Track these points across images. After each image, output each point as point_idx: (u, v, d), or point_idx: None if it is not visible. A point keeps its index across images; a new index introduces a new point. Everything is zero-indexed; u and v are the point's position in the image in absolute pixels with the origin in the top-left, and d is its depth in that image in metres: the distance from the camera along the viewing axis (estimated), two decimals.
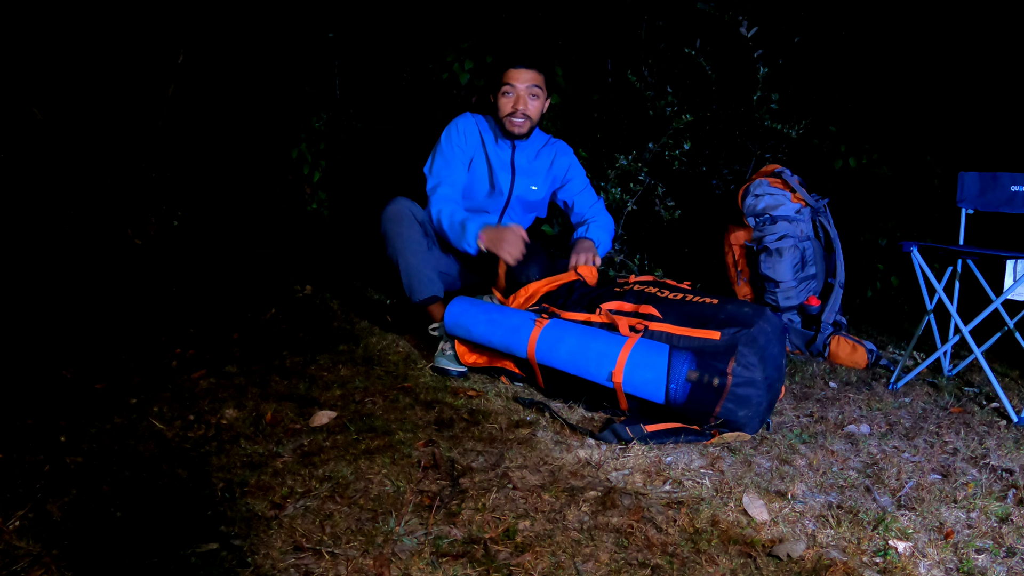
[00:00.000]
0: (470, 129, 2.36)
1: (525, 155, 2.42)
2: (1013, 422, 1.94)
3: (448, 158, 2.32)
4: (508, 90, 2.28)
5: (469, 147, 2.36)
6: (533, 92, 2.28)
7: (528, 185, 2.44)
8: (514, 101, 2.28)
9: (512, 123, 2.30)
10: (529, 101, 2.29)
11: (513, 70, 2.28)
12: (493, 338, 1.93)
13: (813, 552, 1.19)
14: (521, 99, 2.27)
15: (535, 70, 2.29)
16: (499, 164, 2.39)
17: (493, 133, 2.38)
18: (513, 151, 2.39)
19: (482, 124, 2.39)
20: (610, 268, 3.06)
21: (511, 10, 3.44)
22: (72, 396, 1.77)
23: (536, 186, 2.47)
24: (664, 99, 3.02)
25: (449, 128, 2.36)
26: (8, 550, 1.11)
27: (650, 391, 1.66)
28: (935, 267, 3.05)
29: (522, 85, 2.26)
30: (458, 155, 2.33)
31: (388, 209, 2.25)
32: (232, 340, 2.29)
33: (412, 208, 2.26)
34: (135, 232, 3.40)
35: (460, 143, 2.34)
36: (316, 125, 3.57)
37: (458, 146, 2.33)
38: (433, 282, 2.22)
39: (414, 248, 2.22)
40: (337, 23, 3.71)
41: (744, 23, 2.89)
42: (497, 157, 2.39)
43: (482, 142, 2.37)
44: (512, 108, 2.28)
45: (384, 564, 1.10)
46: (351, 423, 1.66)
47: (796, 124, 3.01)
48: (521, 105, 2.28)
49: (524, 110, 2.28)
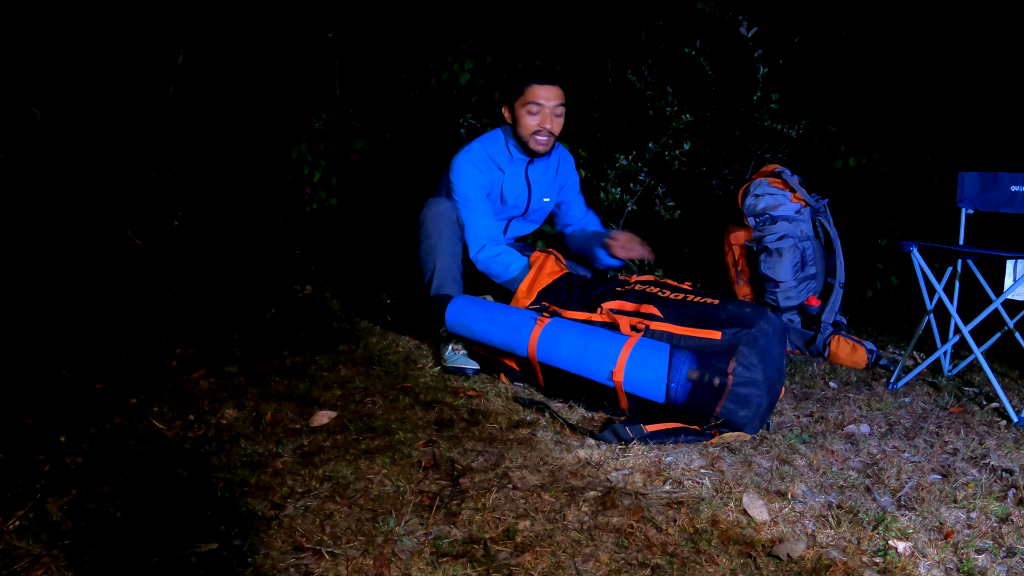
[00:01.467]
0: (482, 163, 2.28)
1: (538, 168, 2.38)
2: (1013, 422, 1.94)
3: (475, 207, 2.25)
4: (534, 108, 2.20)
5: (485, 178, 2.28)
6: (558, 111, 2.23)
7: (541, 198, 2.43)
8: (540, 119, 2.21)
9: (537, 142, 2.23)
10: (555, 120, 2.23)
11: (539, 87, 2.20)
12: (494, 336, 1.93)
13: (813, 552, 1.19)
14: (548, 117, 2.21)
15: (559, 87, 2.22)
16: (514, 180, 2.34)
17: (508, 151, 2.30)
18: (528, 166, 2.34)
19: (492, 147, 2.30)
20: (609, 268, 3.06)
21: (511, 10, 3.44)
22: (72, 396, 1.77)
23: (548, 197, 2.45)
24: (664, 99, 3.02)
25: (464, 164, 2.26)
26: (8, 550, 1.11)
27: (651, 390, 1.66)
28: (935, 267, 3.05)
29: (549, 103, 2.20)
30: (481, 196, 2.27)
31: (433, 207, 2.22)
32: (232, 340, 2.29)
33: (454, 211, 2.24)
34: (135, 232, 3.40)
35: (481, 182, 2.26)
36: (316, 125, 3.57)
37: (480, 186, 2.26)
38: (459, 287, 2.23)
39: (453, 253, 2.21)
40: (337, 23, 3.71)
41: (744, 23, 2.89)
42: (512, 174, 2.33)
43: (500, 162, 2.31)
44: (538, 126, 2.21)
45: (384, 564, 1.10)
46: (351, 423, 1.66)
47: (796, 124, 3.01)
48: (548, 123, 2.22)
49: (551, 128, 2.23)
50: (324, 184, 3.69)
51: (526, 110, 2.20)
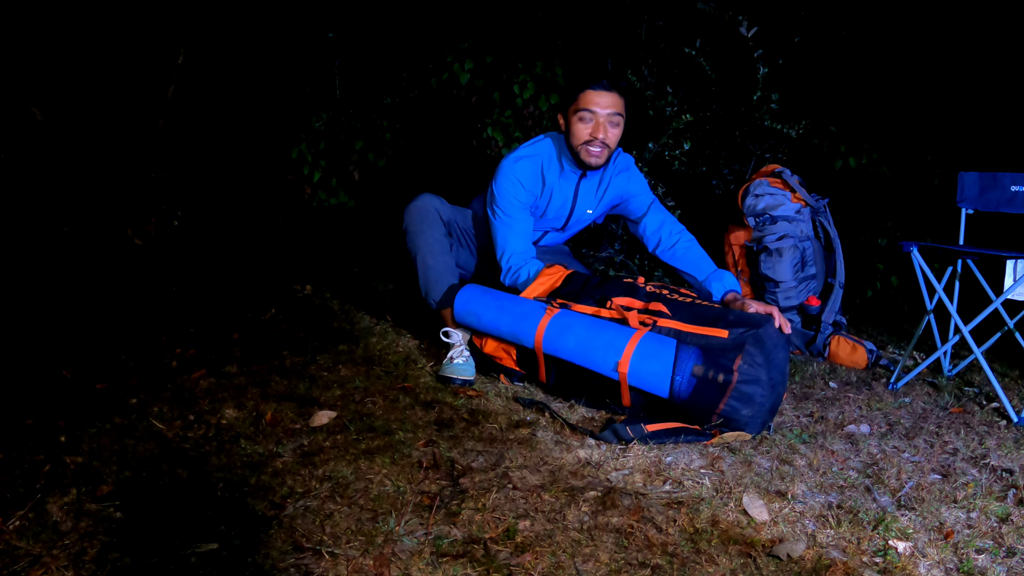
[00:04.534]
0: (529, 180, 2.12)
1: (591, 183, 2.20)
2: (1013, 422, 1.94)
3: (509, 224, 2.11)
4: (586, 116, 2.00)
5: (529, 196, 2.14)
6: (614, 120, 2.02)
7: (585, 210, 2.26)
8: (592, 128, 2.01)
9: (589, 152, 2.04)
10: (610, 129, 2.02)
11: (592, 92, 1.99)
12: (502, 325, 1.93)
13: (813, 552, 1.19)
14: (601, 126, 2.00)
15: (616, 93, 2.01)
16: (561, 196, 2.19)
17: (559, 163, 2.13)
18: (580, 180, 2.17)
19: (545, 158, 2.14)
20: (610, 268, 3.07)
21: (511, 10, 3.44)
22: (72, 396, 1.77)
23: (591, 209, 2.28)
24: (664, 99, 3.02)
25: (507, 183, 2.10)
26: (8, 550, 1.11)
27: (655, 383, 1.66)
28: (935, 267, 3.05)
29: (603, 111, 1.99)
30: (521, 212, 2.13)
31: (413, 204, 2.15)
32: (232, 340, 2.29)
33: (438, 205, 2.16)
34: (135, 232, 3.40)
35: (524, 199, 2.12)
36: (316, 125, 3.58)
37: (522, 204, 2.12)
38: (451, 285, 2.16)
39: (435, 249, 2.13)
40: (337, 23, 3.71)
41: (744, 23, 2.89)
42: (560, 189, 2.17)
43: (545, 180, 2.15)
44: (590, 136, 2.01)
45: (384, 564, 1.10)
46: (351, 423, 1.66)
47: (796, 124, 3.01)
48: (601, 133, 2.01)
49: (604, 139, 2.02)
50: (324, 184, 3.69)
51: (578, 117, 2.02)
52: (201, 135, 3.74)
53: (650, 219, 2.27)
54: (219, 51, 3.70)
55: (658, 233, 2.25)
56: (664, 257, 2.25)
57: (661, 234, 2.25)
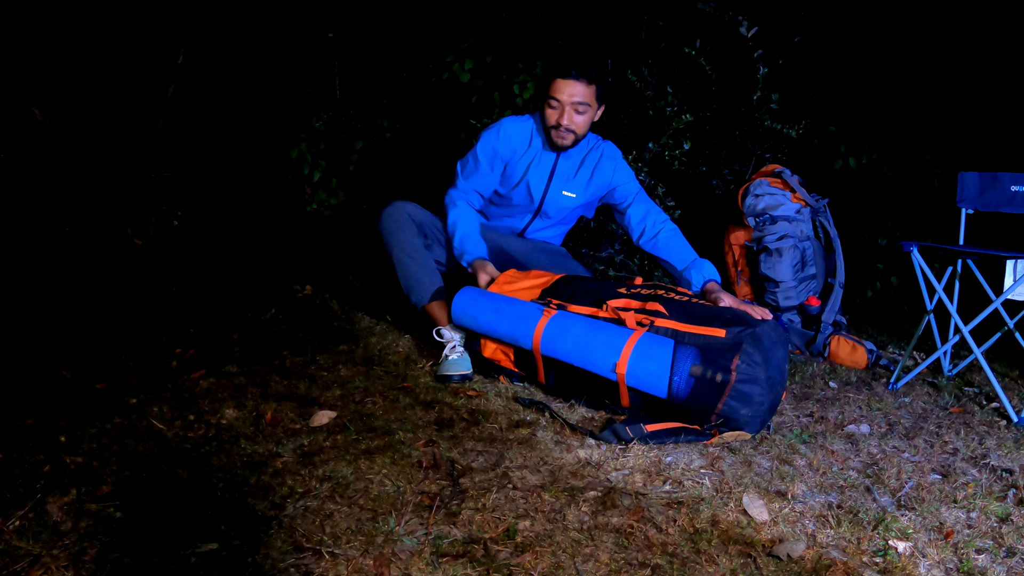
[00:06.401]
0: (515, 134, 2.26)
1: (569, 162, 2.31)
2: (1013, 422, 1.94)
3: (479, 161, 2.26)
4: (553, 103, 2.14)
5: (506, 152, 2.26)
6: (579, 108, 2.14)
7: (561, 190, 2.33)
8: (558, 115, 2.15)
9: (558, 134, 2.18)
10: (574, 116, 2.15)
11: (560, 81, 2.12)
12: (499, 327, 1.93)
13: (813, 552, 1.19)
14: (566, 113, 2.14)
15: (584, 82, 2.11)
16: (538, 171, 2.29)
17: (542, 138, 2.28)
18: (557, 159, 2.29)
19: (525, 126, 2.29)
20: (610, 268, 3.07)
21: (511, 10, 3.44)
22: (72, 396, 1.77)
23: (573, 192, 2.34)
24: (664, 99, 3.02)
25: (490, 130, 2.27)
26: (8, 550, 1.11)
27: (653, 384, 1.66)
28: (935, 267, 3.05)
29: (568, 99, 2.12)
30: (489, 160, 2.26)
31: (385, 213, 2.25)
32: (232, 340, 2.29)
33: (409, 210, 2.24)
34: (135, 232, 3.40)
35: (496, 147, 2.25)
36: (316, 125, 3.58)
37: (493, 150, 2.25)
38: (432, 284, 2.21)
39: (411, 252, 2.21)
40: (337, 23, 3.71)
41: (744, 23, 2.89)
42: (539, 164, 2.29)
43: (529, 146, 2.28)
44: (555, 122, 2.16)
45: (384, 564, 1.10)
46: (351, 423, 1.66)
47: (796, 124, 3.01)
48: (565, 120, 2.14)
49: (568, 125, 2.15)
50: (324, 184, 3.69)
51: (547, 103, 2.16)
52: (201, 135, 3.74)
53: (635, 209, 2.31)
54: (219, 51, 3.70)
55: (642, 223, 2.29)
56: (647, 247, 2.29)
57: (645, 224, 2.28)
